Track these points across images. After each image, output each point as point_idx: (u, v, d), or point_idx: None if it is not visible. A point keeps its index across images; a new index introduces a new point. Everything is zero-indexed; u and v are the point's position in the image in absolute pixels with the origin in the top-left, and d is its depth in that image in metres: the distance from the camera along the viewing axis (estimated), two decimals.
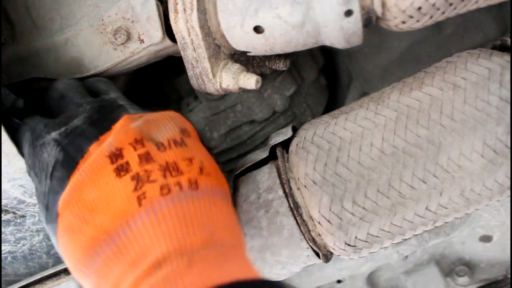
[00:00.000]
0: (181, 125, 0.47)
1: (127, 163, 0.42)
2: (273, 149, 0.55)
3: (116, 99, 0.48)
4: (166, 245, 0.38)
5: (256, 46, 0.51)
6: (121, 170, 0.42)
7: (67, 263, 0.44)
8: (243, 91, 0.56)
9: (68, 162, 0.43)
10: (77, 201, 0.42)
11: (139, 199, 0.40)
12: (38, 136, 0.45)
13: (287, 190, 0.51)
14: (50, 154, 0.44)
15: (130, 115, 0.45)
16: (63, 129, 0.45)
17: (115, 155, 0.42)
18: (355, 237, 0.49)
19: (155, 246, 0.38)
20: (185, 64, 0.53)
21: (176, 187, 0.41)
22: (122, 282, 0.39)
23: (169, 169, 0.42)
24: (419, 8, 0.45)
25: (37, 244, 0.68)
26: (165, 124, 0.46)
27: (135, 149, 0.43)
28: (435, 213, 0.48)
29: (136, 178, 0.41)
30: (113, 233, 0.40)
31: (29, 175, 0.47)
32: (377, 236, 0.49)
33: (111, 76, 0.58)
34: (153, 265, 0.38)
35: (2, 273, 0.70)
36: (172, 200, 0.40)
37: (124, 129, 0.44)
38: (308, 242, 0.51)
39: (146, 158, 0.42)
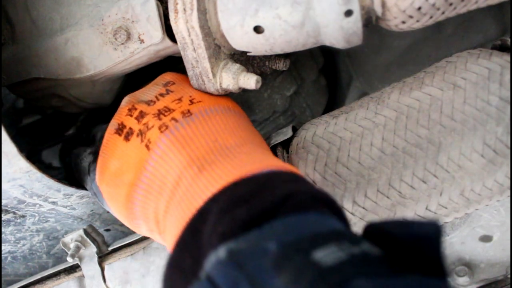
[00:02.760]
0: (163, 80, 0.55)
1: (130, 128, 0.50)
2: (273, 149, 0.55)
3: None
4: (177, 167, 0.44)
5: (256, 46, 0.51)
6: (128, 135, 0.50)
7: (125, 224, 0.52)
8: (243, 91, 0.56)
9: (96, 158, 0.54)
10: (107, 174, 0.51)
11: (147, 146, 0.48)
12: (79, 154, 0.58)
13: None
14: (86, 161, 0.57)
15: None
16: (92, 147, 0.58)
17: (120, 128, 0.51)
18: None
19: (170, 173, 0.45)
20: (185, 64, 0.53)
21: (171, 122, 0.48)
22: (158, 211, 0.45)
23: (162, 112, 0.50)
24: (419, 8, 0.45)
25: (37, 244, 0.68)
26: (149, 88, 0.54)
27: (131, 115, 0.51)
28: (435, 213, 0.48)
29: (140, 134, 0.49)
30: (138, 182, 0.47)
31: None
32: None
33: (110, 76, 0.58)
34: (173, 187, 0.44)
35: (2, 273, 0.70)
36: (170, 131, 0.47)
37: (118, 110, 0.53)
38: None
39: (141, 115, 0.50)
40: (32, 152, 0.74)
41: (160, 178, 0.45)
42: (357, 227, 0.48)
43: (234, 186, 0.38)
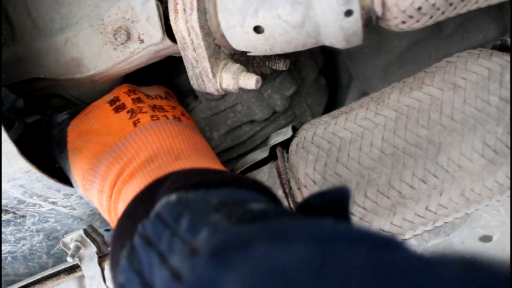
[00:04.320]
0: (165, 89, 0.61)
1: (123, 103, 0.54)
2: (273, 149, 0.55)
3: None
4: (156, 147, 0.48)
5: (256, 46, 0.51)
6: (119, 108, 0.54)
7: (77, 180, 0.53)
8: (243, 91, 0.56)
9: (74, 114, 0.57)
10: (82, 128, 0.53)
11: (134, 123, 0.51)
12: (53, 121, 0.59)
13: (287, 190, 0.51)
14: (61, 122, 0.58)
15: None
16: (70, 111, 0.59)
17: (113, 100, 0.55)
18: None
19: (147, 148, 0.49)
20: (185, 64, 0.53)
21: (163, 117, 0.53)
22: (120, 177, 0.48)
23: (157, 108, 0.54)
24: (419, 8, 0.45)
25: (37, 244, 0.68)
26: (152, 87, 0.60)
27: (128, 95, 0.55)
28: (435, 213, 0.48)
29: (131, 111, 0.53)
30: (113, 145, 0.50)
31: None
32: None
33: (110, 76, 0.58)
34: (146, 160, 0.47)
35: (2, 273, 0.70)
36: (160, 123, 0.51)
37: (119, 87, 0.56)
38: None
39: (138, 100, 0.55)
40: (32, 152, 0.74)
41: (136, 149, 0.49)
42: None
43: (196, 169, 0.45)
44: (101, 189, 0.49)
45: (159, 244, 0.33)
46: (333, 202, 0.36)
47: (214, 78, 0.52)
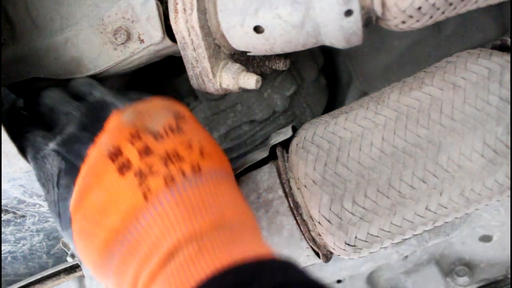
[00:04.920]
0: (174, 109, 0.47)
1: (128, 160, 0.42)
2: (273, 149, 0.55)
3: (102, 97, 0.48)
4: (176, 235, 0.39)
5: (256, 46, 0.51)
6: (123, 168, 0.42)
7: (87, 267, 0.44)
8: (243, 91, 0.56)
9: (71, 169, 0.44)
10: (86, 204, 0.43)
11: (144, 194, 0.41)
12: (38, 149, 0.46)
13: (287, 190, 0.51)
14: (53, 164, 0.45)
15: (119, 110, 0.45)
16: (59, 138, 0.46)
17: (115, 154, 0.43)
18: (355, 237, 0.49)
19: (166, 237, 0.39)
20: (185, 64, 0.53)
21: (179, 175, 0.42)
22: (139, 277, 0.39)
23: (169, 157, 0.43)
24: (419, 8, 0.45)
25: (37, 244, 0.68)
26: (158, 112, 0.46)
27: (132, 144, 0.43)
28: (435, 213, 0.48)
29: (139, 174, 0.42)
30: (124, 231, 0.41)
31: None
32: (377, 236, 0.49)
33: (110, 76, 0.58)
34: (166, 256, 0.38)
35: (2, 273, 0.70)
36: (177, 189, 0.41)
37: (117, 125, 0.43)
38: (308, 242, 0.51)
39: (145, 151, 0.42)
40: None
41: (153, 240, 0.40)
42: (357, 227, 0.48)
43: (227, 273, 0.37)
44: (117, 281, 0.42)
45: None
46: None
47: (214, 78, 0.52)
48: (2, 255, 0.67)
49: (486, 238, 0.81)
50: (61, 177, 0.45)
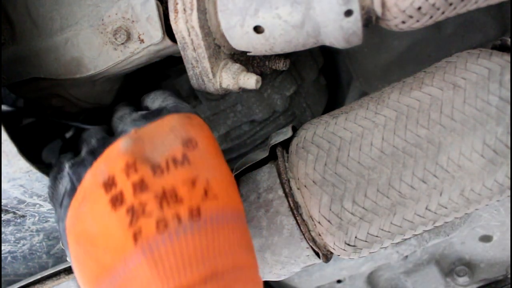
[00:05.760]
0: (184, 135, 0.42)
1: (121, 193, 0.39)
2: (273, 149, 0.55)
3: (118, 126, 0.46)
4: (162, 285, 0.37)
5: (256, 46, 0.51)
6: (116, 201, 0.39)
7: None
8: (243, 91, 0.56)
9: (72, 191, 0.43)
10: (79, 230, 0.42)
11: (135, 236, 0.38)
12: (59, 170, 0.46)
13: (287, 190, 0.51)
14: (63, 185, 0.44)
15: (126, 134, 0.42)
16: (72, 161, 0.44)
17: (109, 184, 0.40)
18: (355, 237, 0.49)
19: (151, 286, 0.37)
20: (185, 64, 0.53)
21: (174, 221, 0.38)
22: None
23: (166, 197, 0.39)
24: (419, 8, 0.45)
25: (37, 244, 0.68)
26: (164, 138, 0.42)
27: (127, 175, 0.40)
28: (435, 213, 0.48)
29: (131, 211, 0.39)
30: (112, 270, 0.39)
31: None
32: (377, 236, 0.49)
33: (110, 76, 0.58)
34: None
35: (2, 273, 0.70)
36: (169, 237, 0.38)
37: (114, 153, 0.41)
38: (308, 242, 0.51)
39: (140, 186, 0.39)
40: (32, 152, 0.74)
41: (139, 285, 0.38)
42: (357, 227, 0.48)
43: None
44: None
45: None
46: None
47: (214, 78, 0.52)
48: (2, 255, 0.67)
49: (486, 238, 0.81)
50: (64, 197, 0.44)
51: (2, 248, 0.66)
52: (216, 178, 0.42)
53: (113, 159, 0.41)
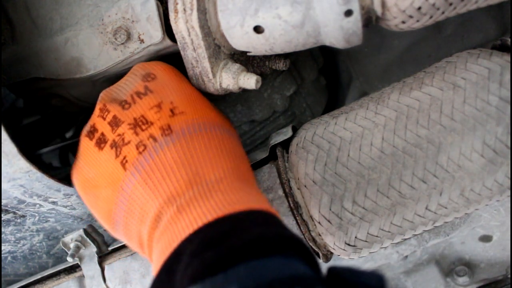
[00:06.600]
0: (143, 71, 0.49)
1: (102, 134, 0.46)
2: (273, 149, 0.55)
3: None
4: (157, 200, 0.42)
5: (256, 46, 0.51)
6: (101, 142, 0.46)
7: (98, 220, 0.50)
8: (243, 91, 0.56)
9: None
10: (82, 182, 0.48)
11: (123, 164, 0.44)
12: None
13: (287, 190, 0.51)
14: None
15: None
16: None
17: (91, 132, 0.47)
18: (355, 237, 0.49)
19: (150, 203, 0.42)
20: (185, 64, 0.53)
21: (150, 140, 0.44)
22: (142, 236, 0.43)
23: (138, 124, 0.45)
24: (419, 8, 0.45)
25: (37, 244, 0.68)
26: (126, 79, 0.49)
27: (103, 118, 0.47)
28: (435, 213, 0.48)
29: (114, 145, 0.45)
30: (117, 201, 0.45)
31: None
32: (377, 236, 0.49)
33: (110, 76, 0.58)
34: (154, 219, 0.42)
35: (2, 273, 0.70)
36: (150, 154, 0.43)
37: (96, 106, 0.48)
38: (308, 242, 0.51)
39: (115, 122, 0.46)
40: (32, 152, 0.75)
41: (140, 205, 0.43)
42: (357, 227, 0.48)
43: (207, 228, 0.38)
44: (130, 243, 0.47)
45: None
46: (367, 286, 0.32)
47: (214, 78, 0.52)
48: (2, 255, 0.67)
49: (486, 238, 0.81)
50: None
51: (2, 248, 0.66)
52: (181, 98, 0.47)
53: (93, 113, 0.48)
